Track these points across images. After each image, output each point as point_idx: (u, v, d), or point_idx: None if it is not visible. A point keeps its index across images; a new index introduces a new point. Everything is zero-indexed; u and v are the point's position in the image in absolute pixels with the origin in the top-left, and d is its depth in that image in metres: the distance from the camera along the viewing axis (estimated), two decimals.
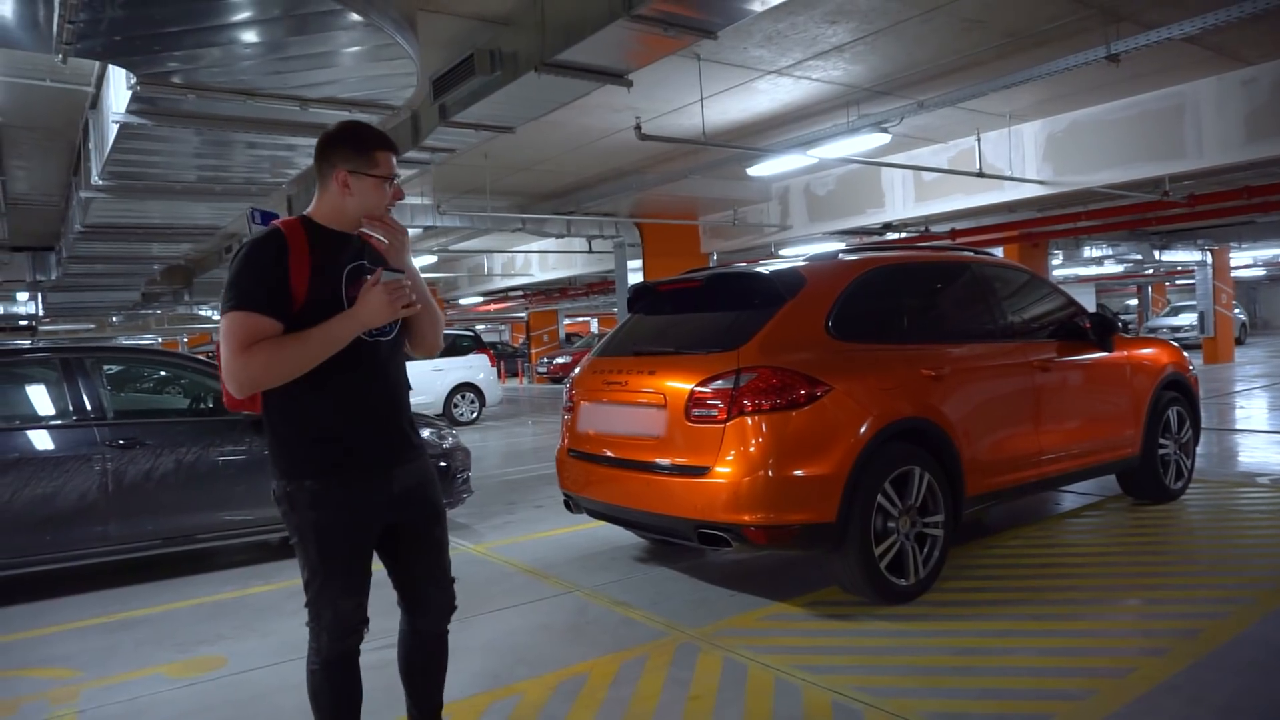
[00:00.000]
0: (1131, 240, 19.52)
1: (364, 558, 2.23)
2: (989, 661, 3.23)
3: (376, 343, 2.18)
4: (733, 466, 3.69)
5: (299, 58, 3.95)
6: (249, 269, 2.04)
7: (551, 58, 4.43)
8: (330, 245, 2.13)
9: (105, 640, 4.01)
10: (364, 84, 4.39)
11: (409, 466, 2.26)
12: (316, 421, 2.13)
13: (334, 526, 2.15)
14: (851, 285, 4.19)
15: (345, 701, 2.27)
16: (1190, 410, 5.78)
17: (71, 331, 29.28)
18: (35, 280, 13.24)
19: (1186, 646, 3.24)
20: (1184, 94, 8.06)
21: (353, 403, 2.16)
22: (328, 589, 2.19)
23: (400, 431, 2.26)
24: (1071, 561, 4.48)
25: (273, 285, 2.02)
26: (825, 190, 11.76)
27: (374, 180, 2.14)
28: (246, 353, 1.98)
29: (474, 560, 5.23)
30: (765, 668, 3.27)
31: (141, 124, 4.63)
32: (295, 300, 2.05)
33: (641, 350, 4.42)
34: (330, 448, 2.14)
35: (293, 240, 2.07)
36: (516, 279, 19.39)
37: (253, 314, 2.00)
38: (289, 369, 2.02)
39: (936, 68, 6.90)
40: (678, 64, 6.23)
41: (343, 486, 2.14)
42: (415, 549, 2.34)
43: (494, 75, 4.77)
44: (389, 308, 2.06)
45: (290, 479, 2.14)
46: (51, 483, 4.61)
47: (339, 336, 2.05)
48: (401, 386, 2.29)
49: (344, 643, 2.24)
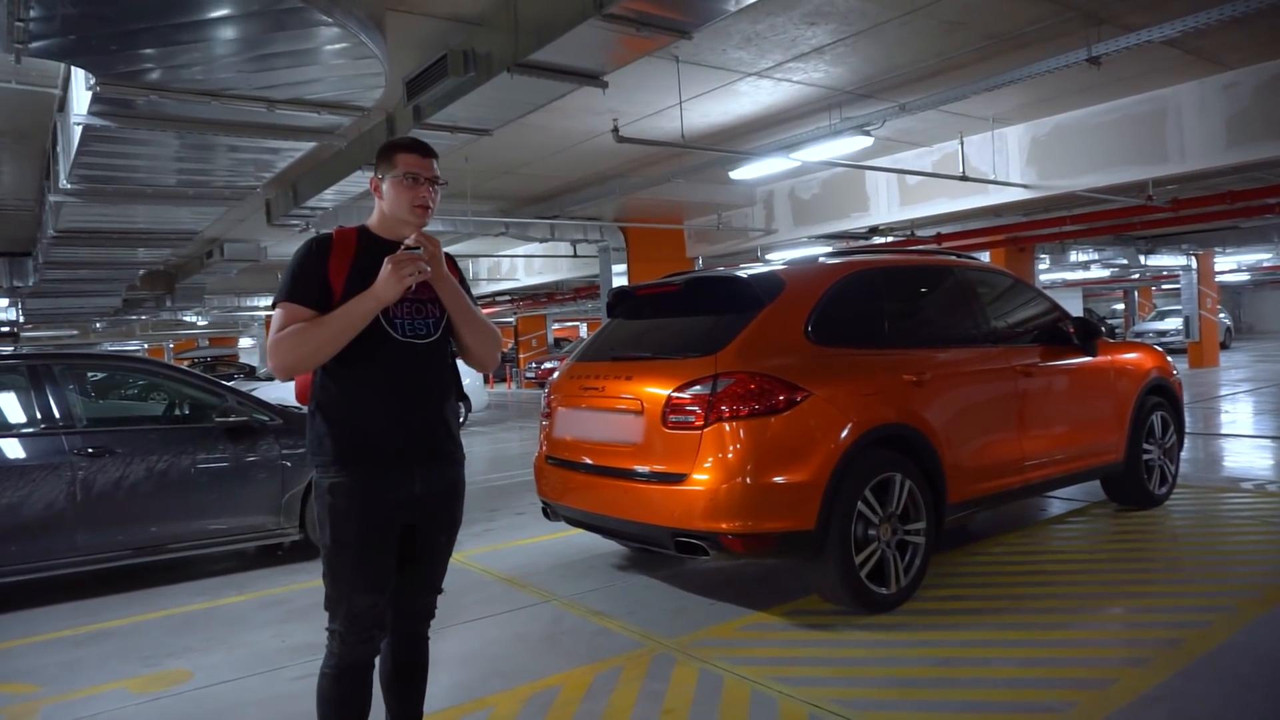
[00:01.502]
0: (1117, 245, 19.61)
1: (381, 553, 2.24)
2: (969, 673, 3.17)
3: (410, 344, 2.24)
4: (710, 473, 3.62)
5: (262, 57, 3.86)
6: (294, 266, 2.22)
7: (524, 58, 4.36)
8: (377, 250, 2.22)
9: (70, 654, 3.91)
10: (331, 85, 4.30)
11: (435, 470, 2.30)
12: (344, 416, 2.22)
13: (348, 514, 2.20)
14: (831, 289, 4.14)
15: (353, 712, 2.27)
16: (1174, 415, 5.76)
17: (55, 338, 28.97)
18: (13, 286, 13.08)
19: (1169, 657, 3.19)
20: (1166, 98, 8.06)
21: (381, 402, 2.22)
22: (340, 580, 2.22)
23: (430, 436, 2.29)
24: (1054, 569, 4.44)
25: (313, 280, 2.18)
26: (809, 194, 11.73)
27: (395, 180, 2.25)
28: (279, 337, 2.14)
29: (452, 569, 4.99)
30: (741, 679, 3.21)
31: (105, 126, 4.53)
32: (334, 296, 2.18)
33: (619, 355, 4.36)
34: (352, 440, 2.21)
35: (339, 242, 2.24)
36: (503, 283, 19.30)
37: (291, 304, 2.17)
38: (314, 348, 2.14)
39: (917, 70, 6.87)
40: (657, 66, 6.17)
41: (362, 478, 2.20)
42: (416, 554, 2.35)
43: (468, 76, 4.70)
44: (394, 277, 2.11)
45: (319, 469, 2.24)
46: (17, 492, 4.51)
47: (356, 314, 2.14)
48: (439, 393, 2.33)
49: (359, 649, 2.25)
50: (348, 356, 2.20)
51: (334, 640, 2.24)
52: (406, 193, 2.25)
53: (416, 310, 2.27)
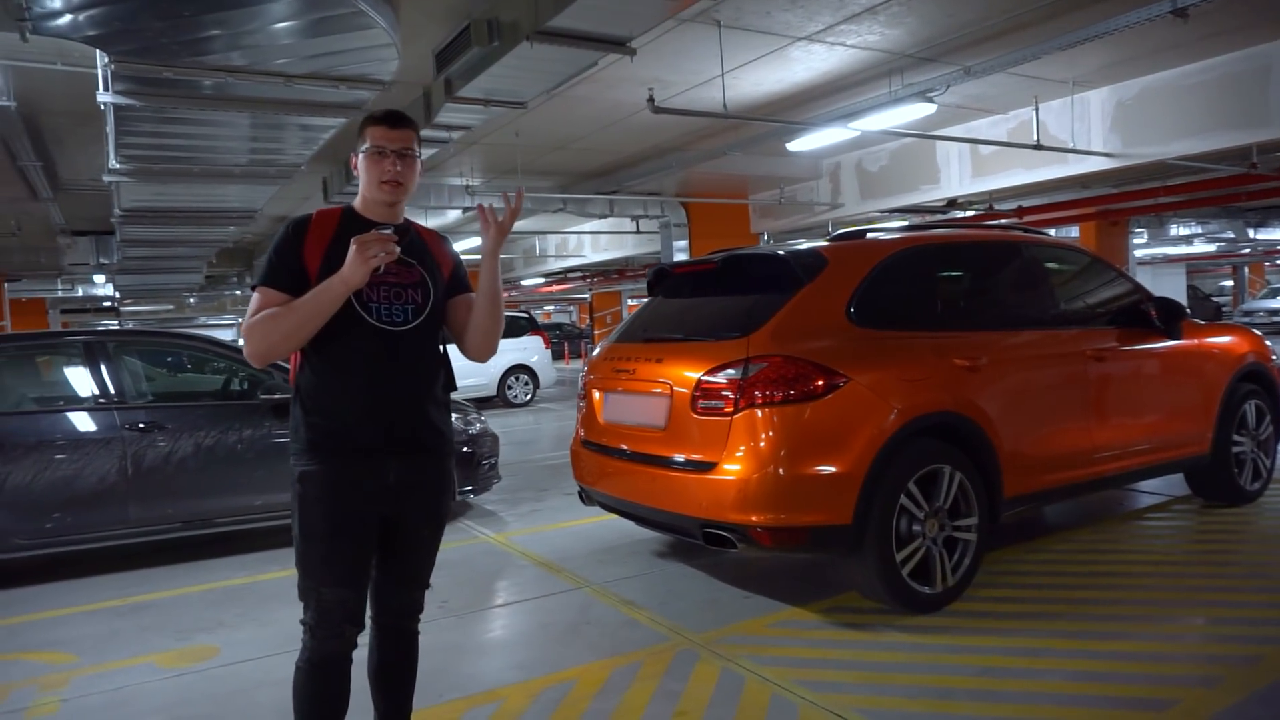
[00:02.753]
0: (1223, 217, 18.31)
1: (352, 547, 2.15)
2: (1011, 685, 2.91)
3: (391, 331, 2.14)
4: (740, 462, 3.43)
5: (266, 30, 3.78)
6: (271, 249, 2.15)
7: (544, 25, 4.18)
8: (359, 230, 2.11)
9: (110, 625, 4.01)
10: (343, 58, 4.20)
11: (413, 461, 2.20)
12: (320, 404, 2.15)
13: (318, 505, 2.12)
14: (878, 268, 3.86)
15: (324, 707, 2.20)
16: (1272, 404, 5.26)
17: (153, 313, 30.48)
18: (99, 263, 13.71)
19: (1244, 676, 2.87)
20: (1268, 54, 7.28)
21: (354, 389, 2.13)
22: (310, 573, 2.15)
23: (407, 426, 2.19)
24: (1123, 570, 4.09)
25: (288, 263, 2.11)
26: (877, 166, 11.21)
27: (365, 155, 2.16)
28: (252, 322, 2.08)
29: (491, 551, 5.11)
30: (764, 681, 3.03)
31: (131, 105, 4.58)
32: (310, 279, 2.09)
33: (652, 336, 4.19)
34: (326, 428, 2.13)
35: (318, 223, 2.16)
36: (570, 260, 19.27)
37: (266, 288, 2.10)
38: (284, 334, 2.06)
39: (982, 30, 6.36)
40: (699, 33, 5.88)
41: (333, 468, 2.12)
42: (398, 547, 2.26)
43: (492, 46, 4.53)
44: (359, 259, 2.01)
45: (293, 456, 2.17)
46: (72, 466, 4.65)
47: (324, 299, 2.05)
48: (419, 382, 2.22)
49: (330, 643, 2.17)
50: (323, 342, 2.11)
51: (306, 633, 2.18)
52: (374, 167, 2.15)
53: (395, 295, 2.16)
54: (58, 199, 9.65)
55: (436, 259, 2.29)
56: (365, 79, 4.44)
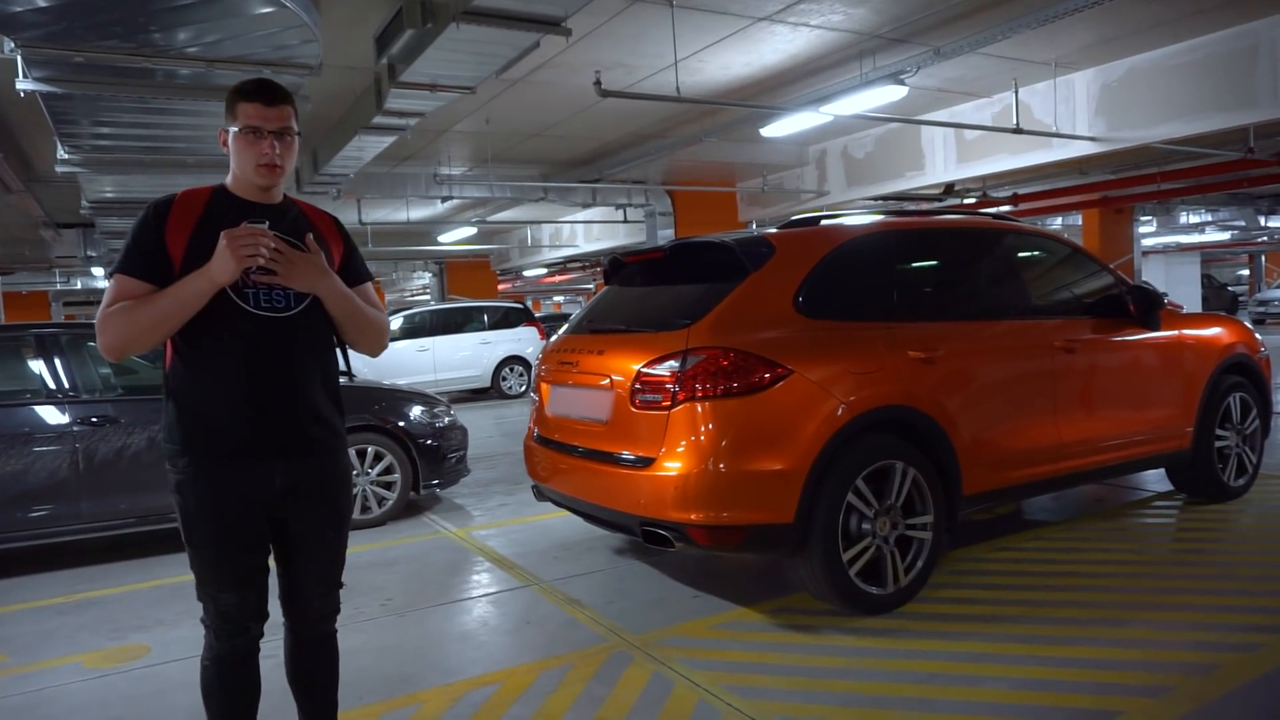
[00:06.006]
0: (1233, 205, 17.99)
1: (241, 550, 2.05)
2: (951, 693, 2.78)
3: (268, 318, 1.99)
4: (678, 458, 3.30)
5: (178, 9, 3.63)
6: (130, 234, 1.99)
7: (471, 4, 4.01)
8: (232, 213, 1.98)
9: (50, 623, 3.93)
10: (260, 41, 4.03)
11: (301, 462, 2.06)
12: (192, 400, 2.01)
13: (198, 513, 2.02)
14: (829, 256, 3.71)
15: (235, 703, 2.12)
16: (1259, 397, 5.08)
17: None
18: (87, 256, 13.65)
19: (1194, 687, 2.73)
20: (1257, 32, 7.01)
21: (231, 384, 1.99)
22: (203, 580, 2.07)
23: (293, 422, 2.04)
24: (1090, 571, 3.93)
25: (148, 249, 1.95)
26: (863, 153, 10.97)
27: (237, 135, 2.00)
28: (107, 313, 1.93)
29: (448, 546, 5.00)
30: (693, 686, 2.91)
31: (53, 92, 4.44)
32: (174, 267, 1.94)
33: (598, 328, 4.06)
34: (200, 429, 2.00)
35: (181, 205, 1.99)
36: (564, 250, 19.13)
37: (124, 277, 1.94)
38: (143, 329, 1.92)
39: (952, 8, 6.14)
40: (653, 14, 5.69)
41: (210, 472, 2.00)
42: (301, 550, 2.14)
43: (425, 28, 4.38)
44: (230, 255, 1.87)
45: (168, 460, 2.04)
46: (23, 460, 4.57)
47: (188, 295, 1.91)
48: (305, 372, 2.06)
49: (233, 641, 2.09)
50: (195, 331, 1.96)
51: (208, 632, 2.10)
52: (249, 149, 1.98)
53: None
54: (35, 191, 9.55)
55: (325, 239, 2.14)
56: (289, 63, 4.27)
